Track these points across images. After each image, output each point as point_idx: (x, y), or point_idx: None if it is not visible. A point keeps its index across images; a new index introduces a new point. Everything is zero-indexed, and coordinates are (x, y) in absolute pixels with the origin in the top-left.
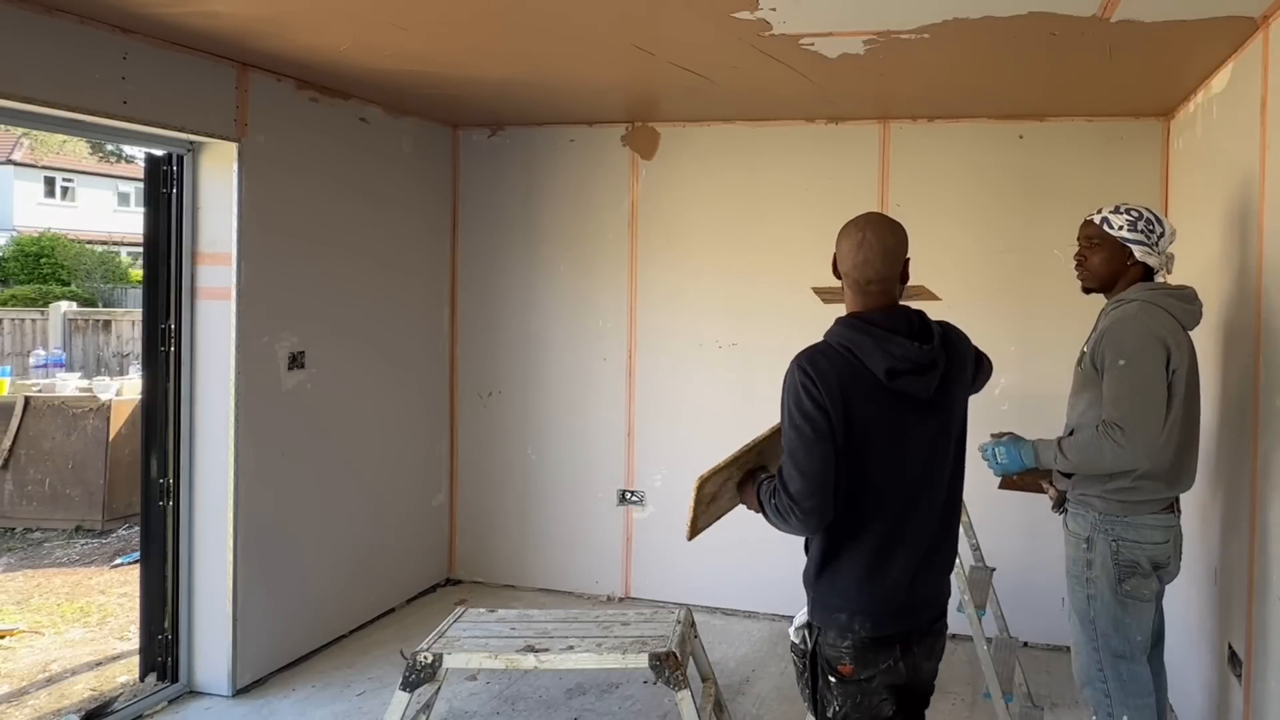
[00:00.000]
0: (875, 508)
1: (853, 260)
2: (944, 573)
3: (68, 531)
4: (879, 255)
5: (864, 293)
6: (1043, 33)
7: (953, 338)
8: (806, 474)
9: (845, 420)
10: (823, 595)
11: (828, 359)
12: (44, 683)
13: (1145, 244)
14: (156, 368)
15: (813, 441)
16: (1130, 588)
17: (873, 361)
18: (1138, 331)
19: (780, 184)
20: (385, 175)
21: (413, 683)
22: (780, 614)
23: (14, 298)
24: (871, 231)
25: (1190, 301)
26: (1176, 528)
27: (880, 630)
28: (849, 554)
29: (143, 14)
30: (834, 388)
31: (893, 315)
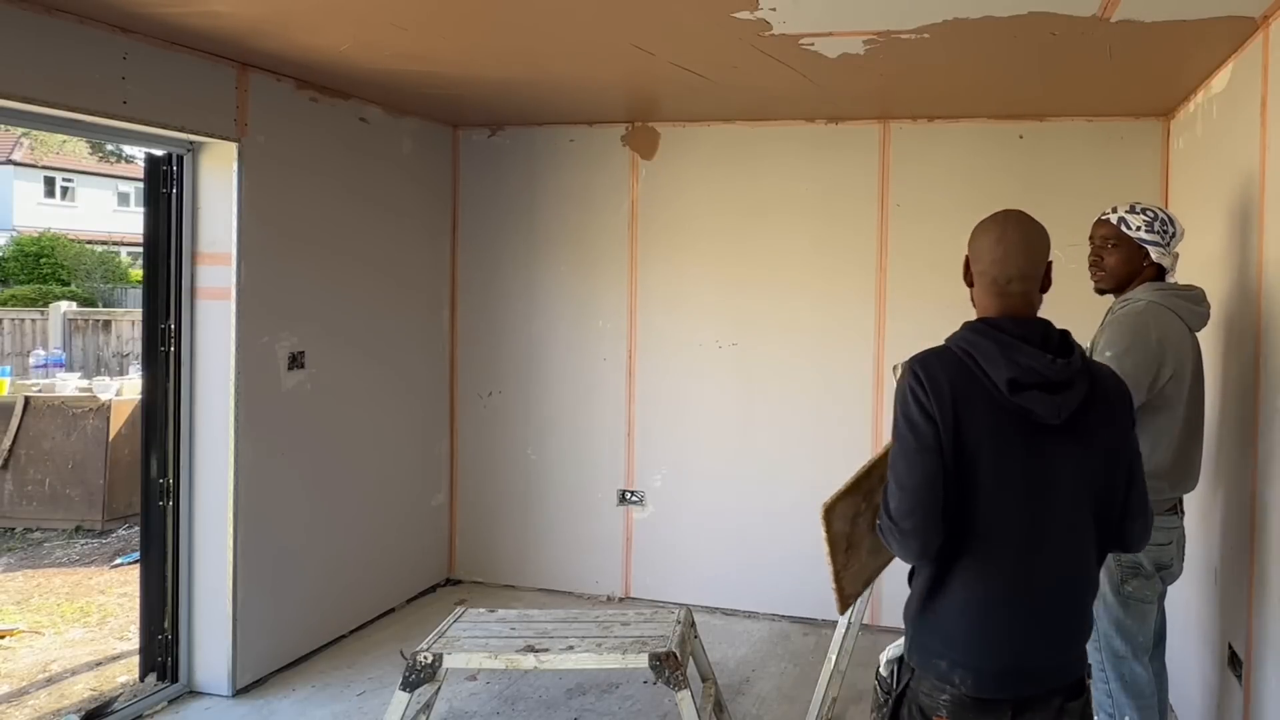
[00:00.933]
0: (989, 542)
1: (991, 256)
2: (1076, 639)
3: (68, 531)
4: (1021, 251)
5: (1001, 294)
6: (1043, 33)
7: (1104, 375)
8: (906, 489)
9: (955, 433)
10: (922, 635)
11: (943, 363)
12: (44, 683)
13: (1161, 244)
14: (156, 368)
15: (915, 452)
16: (1132, 589)
17: (994, 370)
18: (1134, 328)
19: (780, 184)
20: (385, 175)
21: (413, 683)
22: (780, 614)
23: (14, 298)
24: (1013, 226)
25: (1198, 303)
26: (1180, 529)
27: (984, 690)
28: (956, 592)
29: (143, 14)
30: (945, 395)
31: (1027, 322)
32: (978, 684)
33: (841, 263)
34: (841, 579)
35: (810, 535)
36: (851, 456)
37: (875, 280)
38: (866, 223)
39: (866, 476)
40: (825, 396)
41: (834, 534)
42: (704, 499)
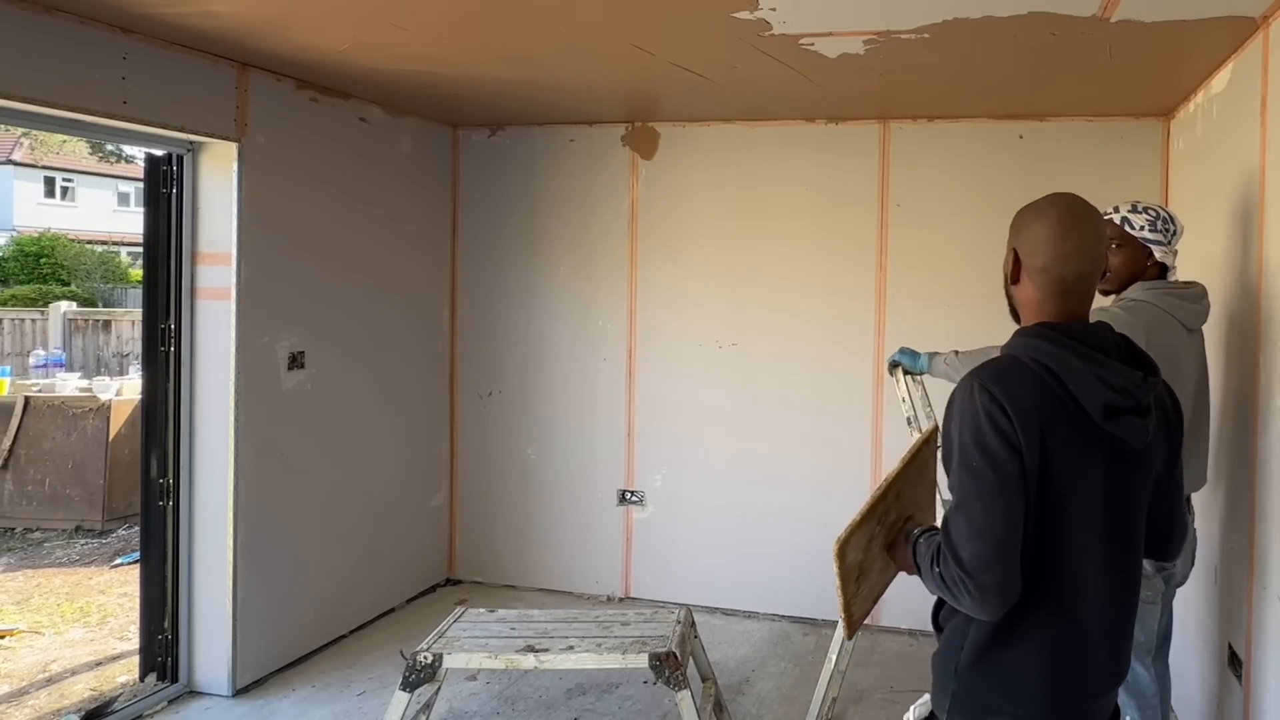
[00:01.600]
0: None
1: (1058, 249)
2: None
3: (68, 531)
4: (1095, 242)
5: (1068, 294)
6: (1043, 33)
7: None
8: (985, 535)
9: (1041, 467)
10: (975, 689)
11: (1022, 381)
12: (44, 683)
13: (1164, 243)
14: (156, 368)
15: (996, 492)
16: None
17: (1084, 392)
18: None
19: (780, 184)
20: (385, 175)
21: (413, 683)
22: (780, 614)
23: (14, 298)
24: (1079, 213)
25: (1196, 300)
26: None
27: None
28: (1028, 642)
29: (143, 14)
30: (1031, 421)
31: (1095, 332)
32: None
33: (841, 262)
34: (852, 607)
35: (811, 535)
36: (851, 456)
37: (875, 280)
38: (866, 223)
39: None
40: (825, 396)
41: (847, 567)
42: (704, 499)
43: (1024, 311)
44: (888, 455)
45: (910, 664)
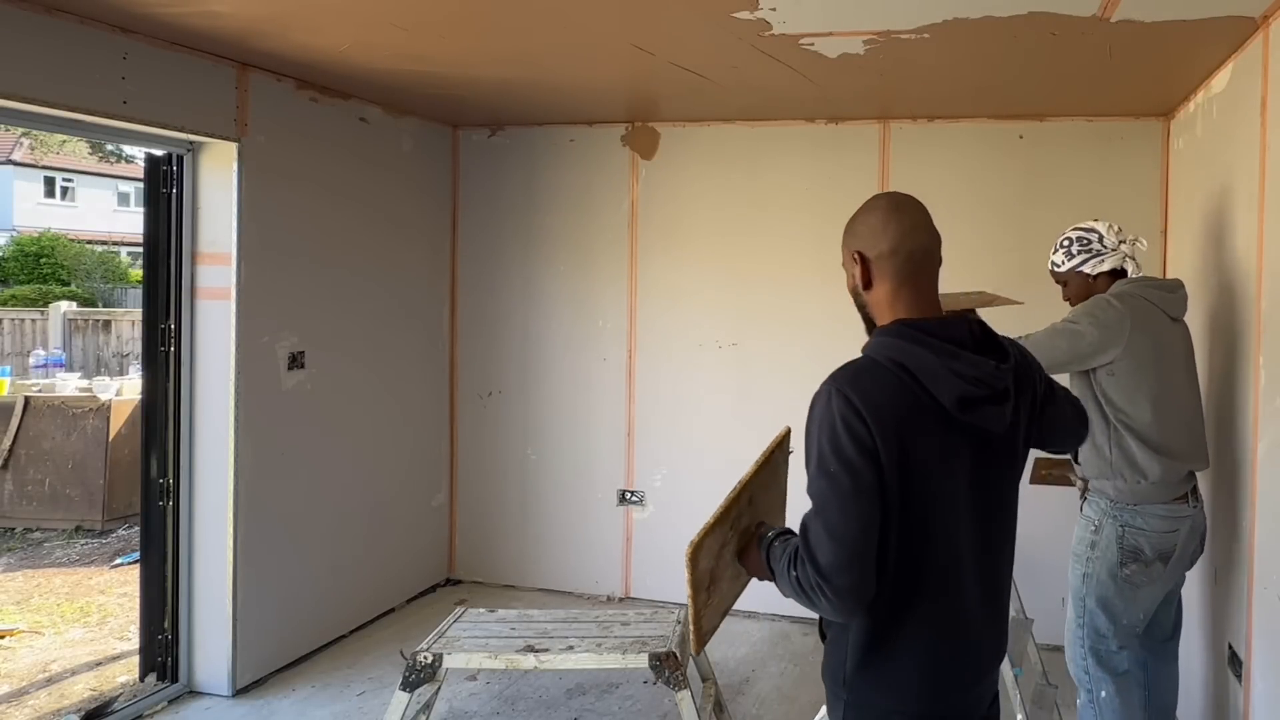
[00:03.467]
0: (940, 581)
1: (897, 227)
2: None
3: (68, 531)
4: (923, 226)
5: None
6: (1043, 33)
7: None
8: (841, 540)
9: (900, 467)
10: (865, 694)
11: (878, 382)
12: (44, 683)
13: (1091, 256)
14: (156, 368)
15: (851, 496)
16: (1129, 573)
17: (939, 387)
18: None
19: (780, 184)
20: (385, 175)
21: (413, 683)
22: (780, 614)
23: (14, 298)
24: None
25: (1172, 290)
26: (1191, 517)
27: None
28: (908, 641)
29: (143, 14)
30: (888, 422)
31: (950, 324)
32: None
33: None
34: (701, 618)
35: None
36: None
37: None
38: None
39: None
40: None
41: (699, 573)
42: (704, 499)
43: (879, 314)
44: None
45: None
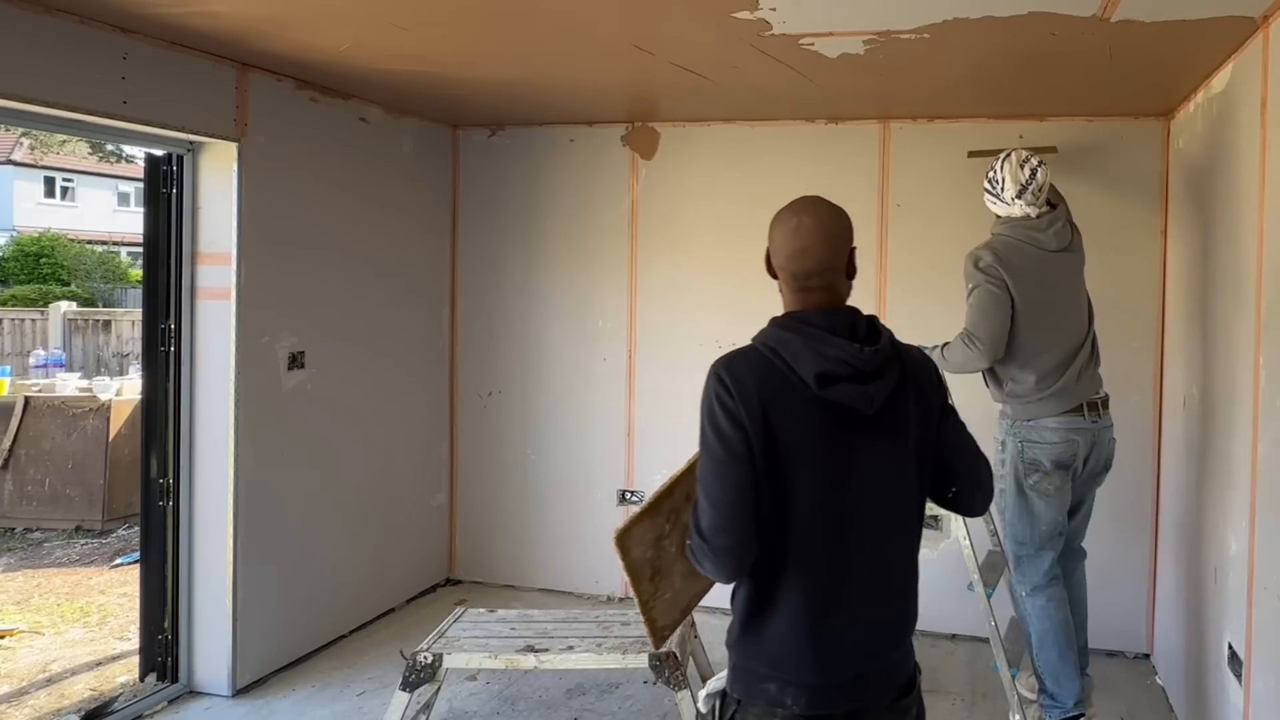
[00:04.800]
0: (811, 549)
1: (788, 250)
2: (907, 630)
3: (68, 531)
4: (818, 242)
5: (802, 289)
6: (1043, 33)
7: (916, 359)
8: (718, 505)
9: (766, 438)
10: (747, 659)
11: (749, 364)
12: (44, 683)
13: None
14: (156, 368)
15: (725, 464)
16: (1033, 482)
17: (802, 366)
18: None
19: (780, 184)
20: (385, 175)
21: (413, 683)
22: None
23: (14, 298)
24: (809, 215)
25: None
26: (1092, 431)
27: (819, 708)
28: (780, 607)
29: (143, 14)
30: (753, 398)
31: (834, 313)
32: (811, 701)
33: None
34: (652, 609)
35: None
36: None
37: (875, 280)
38: (867, 222)
39: (668, 494)
40: None
41: (633, 561)
42: None
43: (783, 302)
44: None
45: None
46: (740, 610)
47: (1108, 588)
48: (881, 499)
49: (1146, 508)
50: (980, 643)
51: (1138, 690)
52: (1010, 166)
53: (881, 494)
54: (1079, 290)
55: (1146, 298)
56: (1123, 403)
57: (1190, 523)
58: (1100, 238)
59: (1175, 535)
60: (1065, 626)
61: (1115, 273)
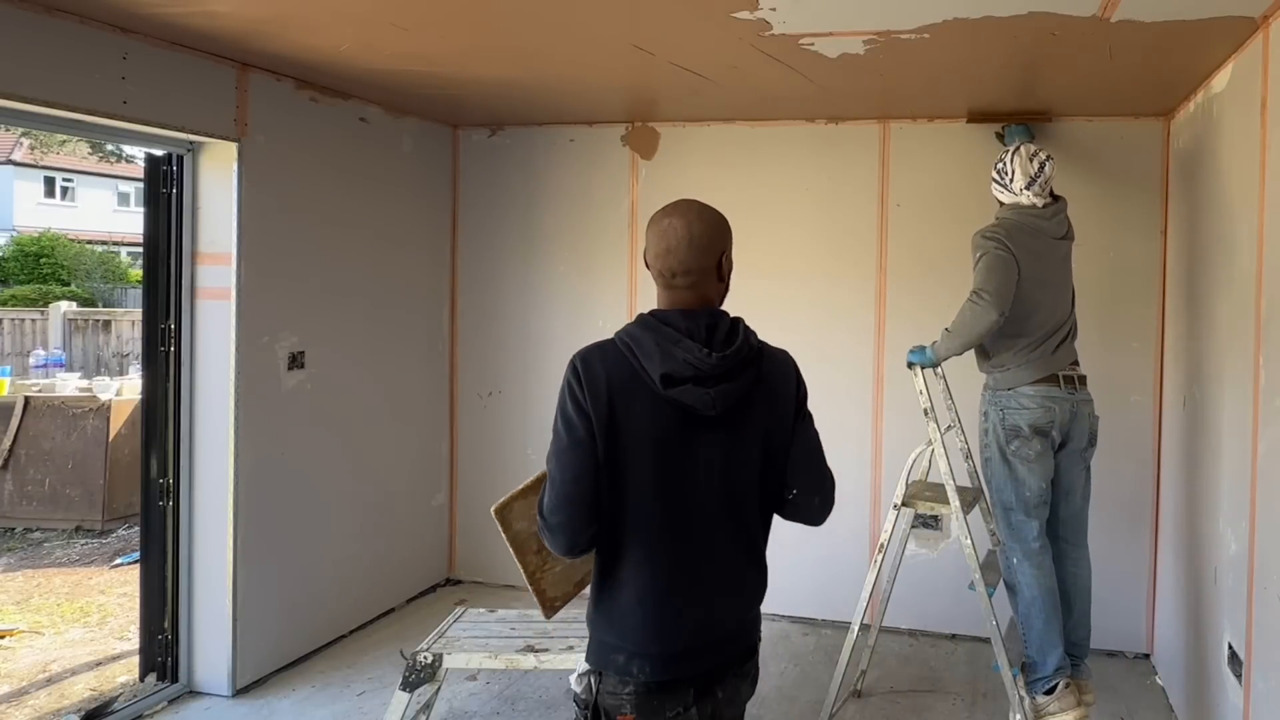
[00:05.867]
0: (652, 534)
1: (656, 249)
2: (748, 607)
3: (68, 531)
4: (684, 244)
5: (669, 287)
6: (1043, 33)
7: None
8: (556, 485)
9: (610, 428)
10: (600, 633)
11: (604, 357)
12: (44, 683)
13: (1001, 186)
14: (156, 368)
15: (566, 449)
16: (1015, 448)
17: (651, 364)
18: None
19: (780, 184)
20: (385, 175)
21: (413, 683)
22: (780, 614)
23: (14, 298)
24: (678, 218)
25: (1049, 217)
26: (1070, 400)
27: (664, 674)
28: (624, 584)
29: (143, 14)
30: (601, 391)
31: (695, 315)
32: (655, 669)
33: (842, 262)
34: (540, 581)
35: (811, 534)
36: (851, 455)
37: (875, 280)
38: (867, 223)
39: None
40: (825, 396)
41: (515, 534)
42: None
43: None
44: (888, 454)
45: (910, 664)
46: (594, 587)
47: (1108, 588)
48: (721, 493)
49: (1146, 508)
50: (980, 643)
51: (1138, 690)
52: (1020, 159)
53: (721, 488)
54: (1068, 276)
55: (1146, 298)
56: (1123, 403)
57: (1190, 523)
58: (1100, 238)
59: (1175, 535)
60: (1052, 594)
61: (1115, 272)
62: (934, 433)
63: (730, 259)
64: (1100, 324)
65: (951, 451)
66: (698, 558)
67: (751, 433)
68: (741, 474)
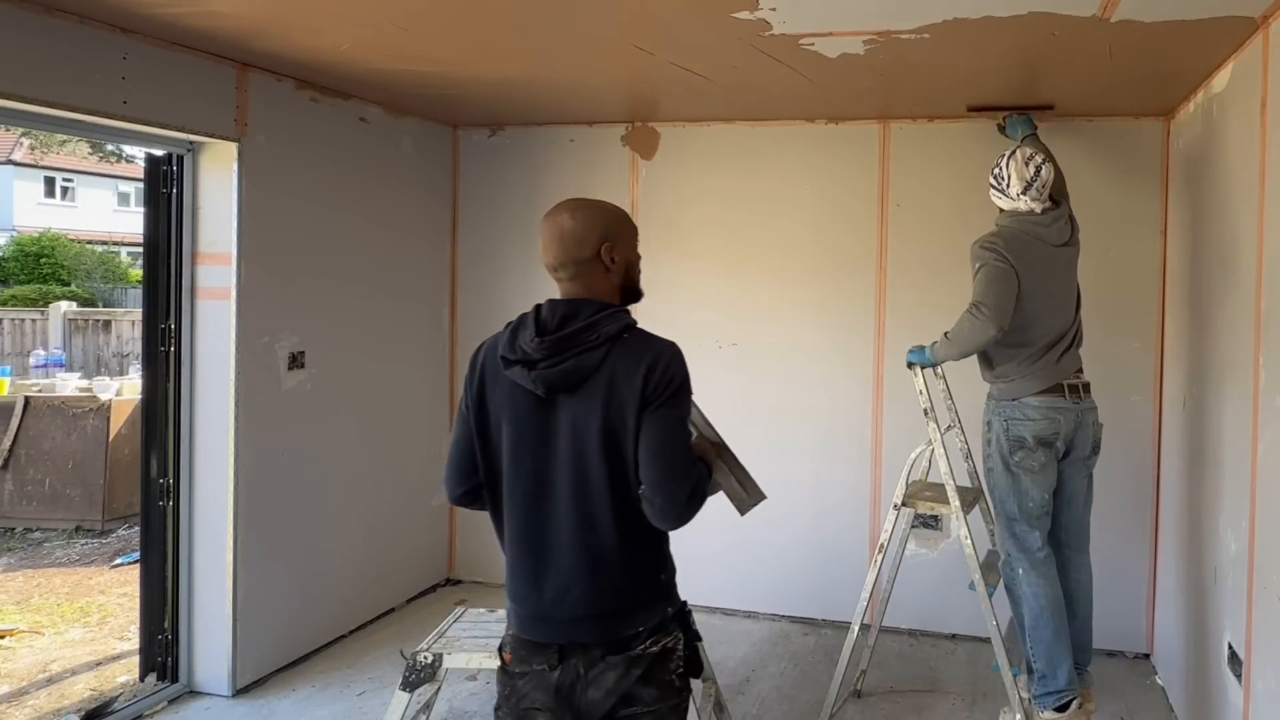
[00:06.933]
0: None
1: (540, 247)
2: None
3: (68, 531)
4: (555, 241)
5: (556, 281)
6: (1043, 33)
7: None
8: (450, 452)
9: (479, 406)
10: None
11: (489, 343)
12: (44, 683)
13: (999, 192)
14: (156, 368)
15: (458, 421)
16: (1019, 459)
17: (503, 348)
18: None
19: (780, 184)
20: (385, 175)
21: (413, 683)
22: (780, 614)
23: (14, 298)
24: (553, 216)
25: (1049, 224)
26: (1074, 411)
27: (525, 631)
28: (508, 547)
29: (143, 14)
30: (476, 371)
31: (555, 305)
32: (519, 624)
33: (842, 263)
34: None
35: (811, 534)
36: (852, 455)
37: (875, 280)
38: (866, 223)
39: None
40: (825, 396)
41: None
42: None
43: None
44: (888, 454)
45: (910, 664)
46: None
47: (1108, 588)
48: (572, 472)
49: (1146, 508)
50: (980, 643)
51: (1138, 690)
52: (1016, 164)
53: (571, 468)
54: (1071, 282)
55: (1146, 298)
56: (1123, 403)
57: (1190, 523)
58: (1100, 237)
59: (1175, 535)
60: (1059, 604)
61: (1115, 272)
62: (934, 433)
63: (623, 251)
64: (1100, 324)
65: (951, 451)
66: (551, 531)
67: (591, 418)
68: (586, 456)
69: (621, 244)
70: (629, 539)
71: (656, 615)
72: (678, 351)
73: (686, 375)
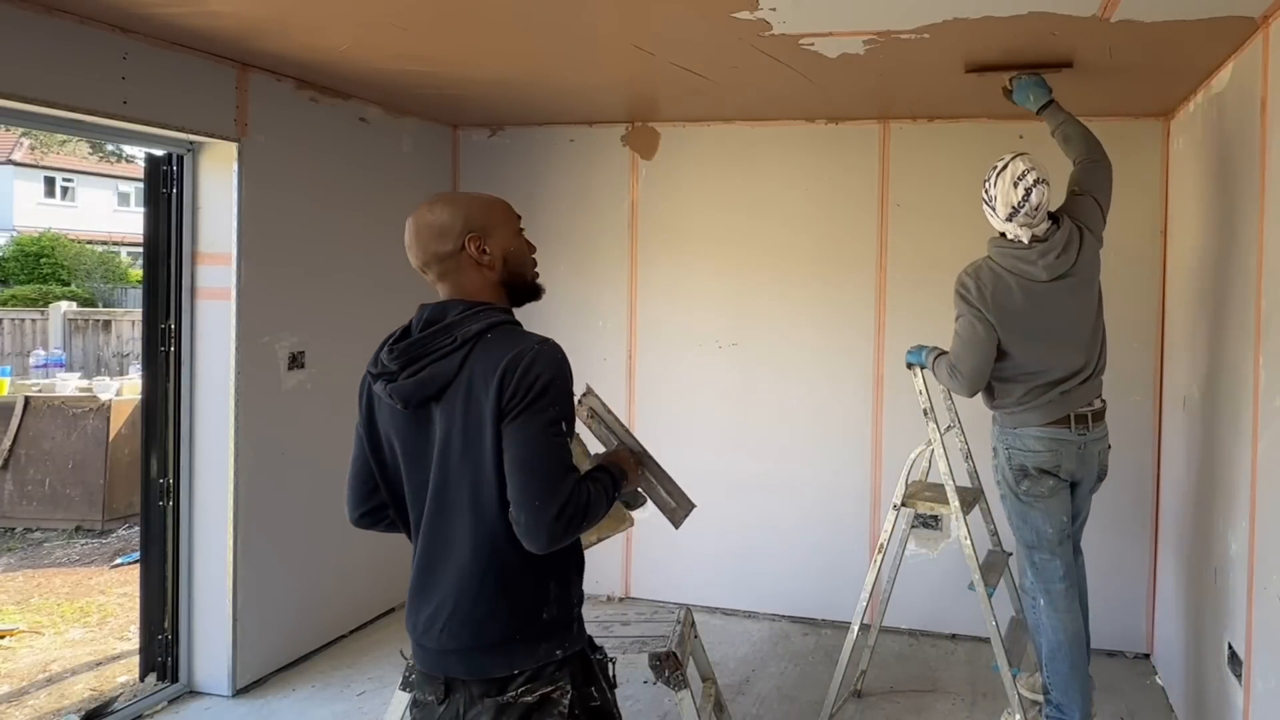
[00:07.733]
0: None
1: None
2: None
3: (68, 531)
4: (411, 240)
5: (431, 284)
6: (1043, 33)
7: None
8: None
9: (369, 423)
10: None
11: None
12: (44, 683)
13: (990, 209)
14: (156, 368)
15: (354, 440)
16: (1025, 488)
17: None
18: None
19: (780, 184)
20: (385, 175)
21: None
22: (780, 614)
23: (14, 298)
24: (410, 221)
25: (1034, 261)
26: (1076, 443)
27: (416, 659)
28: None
29: (143, 14)
30: (364, 387)
31: (425, 309)
32: (413, 651)
33: (842, 262)
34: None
35: (811, 534)
36: (852, 455)
37: (875, 280)
38: (866, 222)
39: None
40: (825, 396)
41: None
42: (704, 498)
43: None
44: (888, 454)
45: (910, 664)
46: None
47: (1108, 588)
48: (462, 489)
49: (1146, 508)
50: (980, 643)
51: (1138, 690)
52: (1003, 185)
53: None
54: (1080, 316)
55: (1146, 298)
56: (1123, 403)
57: (1190, 523)
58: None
59: (1175, 535)
60: (1078, 639)
61: (1115, 273)
62: (934, 433)
63: (499, 242)
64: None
65: (951, 451)
66: (439, 553)
67: (454, 430)
68: (456, 472)
69: (495, 234)
70: (525, 567)
71: (537, 659)
72: (548, 349)
73: (558, 375)
